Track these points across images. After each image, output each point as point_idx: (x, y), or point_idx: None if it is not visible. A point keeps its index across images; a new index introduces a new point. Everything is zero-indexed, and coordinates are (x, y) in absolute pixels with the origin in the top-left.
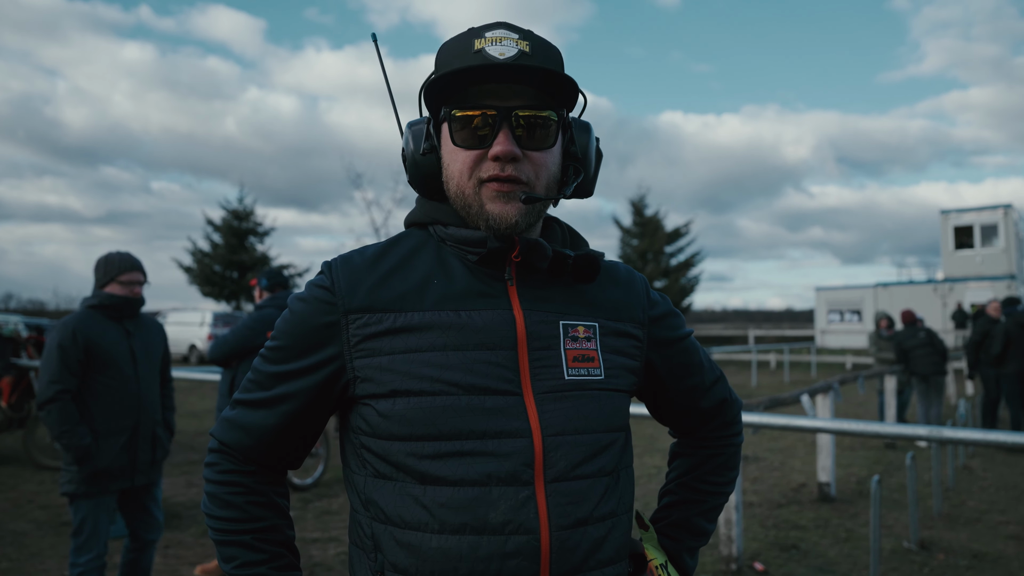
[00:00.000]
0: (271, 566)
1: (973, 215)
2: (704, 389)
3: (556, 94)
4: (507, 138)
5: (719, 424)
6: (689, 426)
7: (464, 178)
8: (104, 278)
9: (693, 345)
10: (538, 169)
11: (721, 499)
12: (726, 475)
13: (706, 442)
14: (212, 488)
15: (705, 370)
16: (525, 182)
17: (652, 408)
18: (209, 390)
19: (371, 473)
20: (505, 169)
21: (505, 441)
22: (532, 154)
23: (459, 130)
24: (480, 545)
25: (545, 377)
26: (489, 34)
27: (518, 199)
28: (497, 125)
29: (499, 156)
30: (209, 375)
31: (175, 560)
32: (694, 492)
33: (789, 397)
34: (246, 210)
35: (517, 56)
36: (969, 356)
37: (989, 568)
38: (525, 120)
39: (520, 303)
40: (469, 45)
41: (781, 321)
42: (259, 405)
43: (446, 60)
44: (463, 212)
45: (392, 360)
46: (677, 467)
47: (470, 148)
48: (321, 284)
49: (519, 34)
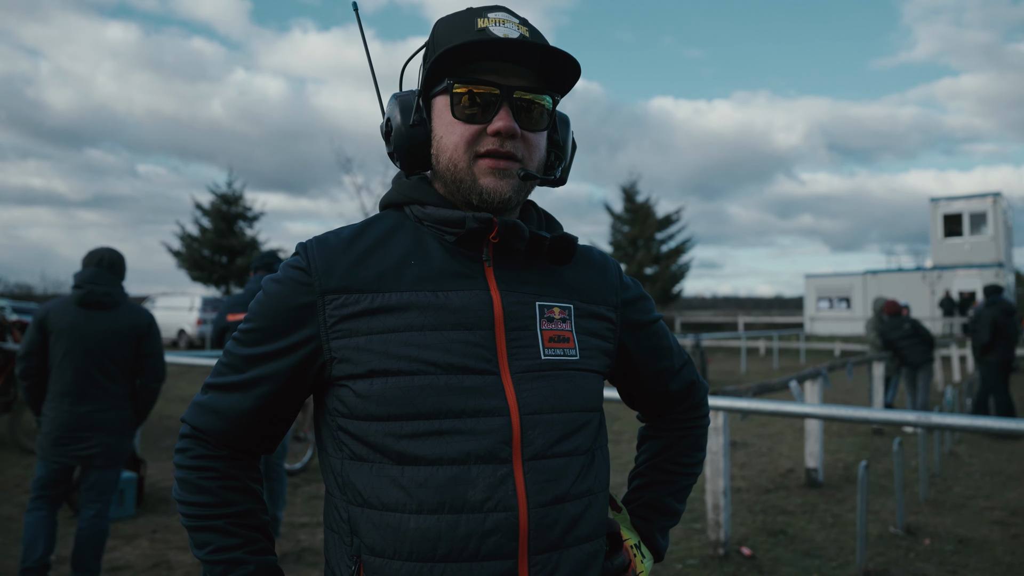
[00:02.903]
0: (246, 550)
1: (962, 203)
2: (673, 372)
3: (552, 80)
4: (508, 115)
5: (688, 407)
6: (659, 409)
7: (459, 151)
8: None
9: (663, 329)
10: (531, 150)
11: (690, 479)
12: (694, 456)
13: (675, 424)
14: (184, 474)
15: (674, 353)
16: (520, 159)
17: (623, 391)
18: (198, 375)
19: (347, 456)
20: (504, 145)
21: (483, 420)
22: (527, 134)
23: (460, 103)
24: (459, 524)
25: (522, 357)
26: (491, 15)
27: (513, 175)
28: (499, 102)
29: (500, 131)
30: (197, 359)
31: (162, 544)
32: (664, 473)
33: (778, 383)
34: (235, 194)
35: (520, 39)
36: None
37: (974, 553)
38: (524, 102)
39: (497, 284)
40: (471, 23)
41: (770, 308)
42: (233, 388)
43: (446, 35)
44: (452, 186)
45: (370, 340)
46: (646, 450)
47: (470, 122)
48: (297, 265)
49: (518, 19)
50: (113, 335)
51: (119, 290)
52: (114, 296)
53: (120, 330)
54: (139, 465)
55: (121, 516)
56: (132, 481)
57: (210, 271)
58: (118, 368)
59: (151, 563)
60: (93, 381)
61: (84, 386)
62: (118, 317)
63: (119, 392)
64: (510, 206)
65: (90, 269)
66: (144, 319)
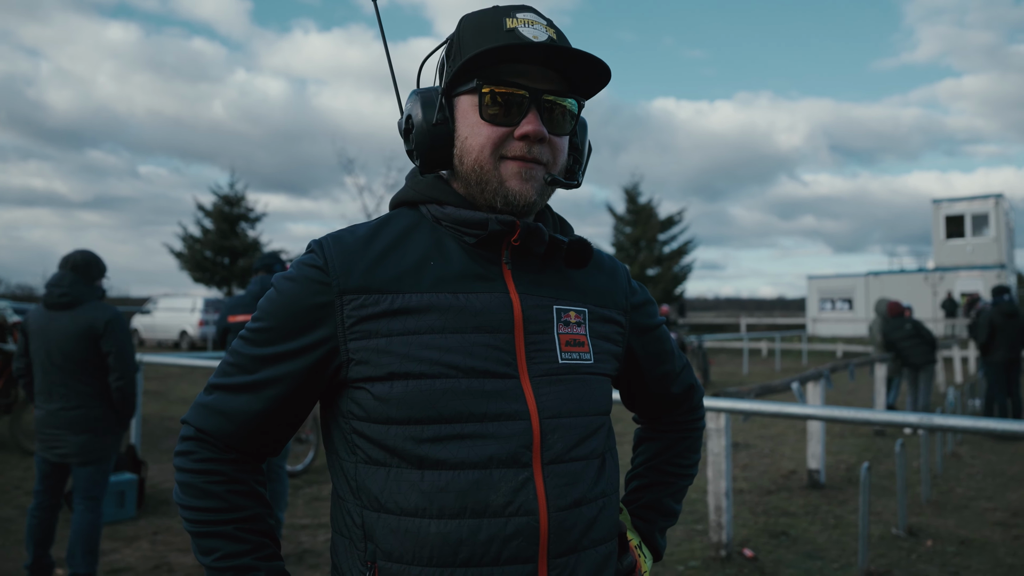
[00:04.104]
0: (255, 556)
1: (964, 204)
2: (675, 375)
3: (577, 84)
4: (537, 119)
5: (686, 409)
6: (658, 411)
7: (485, 153)
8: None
9: (665, 333)
10: (556, 153)
11: (687, 480)
12: (691, 457)
13: (673, 427)
14: (187, 477)
15: (675, 357)
16: (545, 164)
17: (625, 394)
18: (200, 376)
19: (362, 459)
20: (532, 150)
21: (505, 424)
22: (553, 138)
23: (487, 105)
24: (481, 528)
25: (540, 361)
26: (519, 15)
27: (539, 179)
28: (527, 105)
29: (529, 135)
30: (199, 361)
31: (163, 547)
32: (663, 475)
33: (780, 385)
34: (237, 195)
35: (548, 42)
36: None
37: (976, 554)
38: (551, 105)
39: (516, 287)
40: (500, 23)
41: (773, 309)
42: (242, 390)
43: (473, 34)
44: (476, 187)
45: (390, 342)
46: (644, 451)
47: (497, 124)
48: (312, 263)
49: (545, 20)
50: (71, 335)
51: (81, 290)
52: (73, 296)
53: (77, 330)
54: (140, 467)
55: (122, 518)
56: (133, 483)
57: (212, 272)
58: (80, 367)
59: (152, 565)
60: (58, 380)
61: (51, 385)
62: (76, 317)
63: (86, 391)
64: (534, 209)
65: (58, 272)
66: (101, 317)
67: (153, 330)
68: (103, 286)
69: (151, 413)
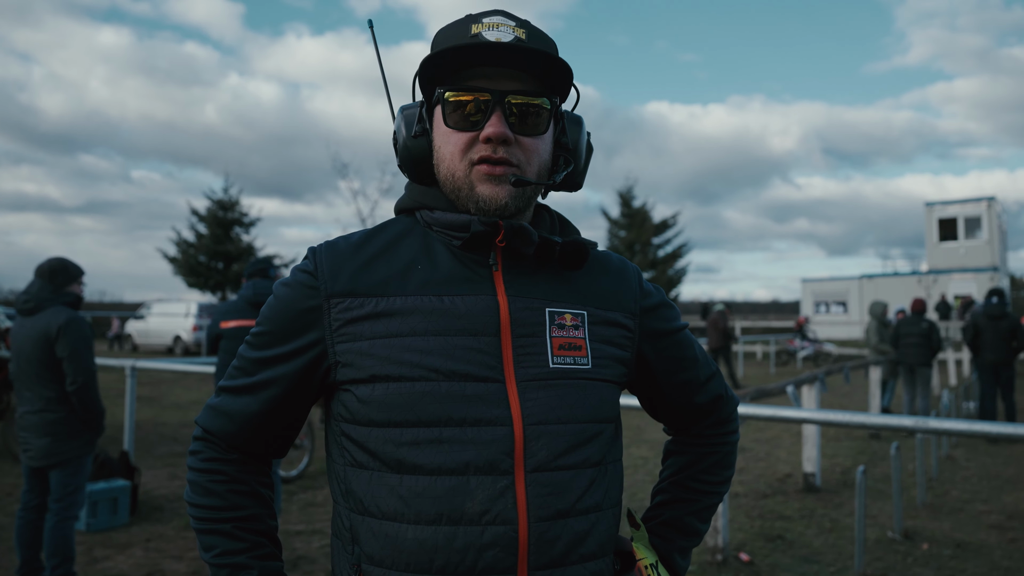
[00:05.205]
0: (251, 555)
1: (957, 207)
2: (698, 384)
3: (550, 81)
4: (499, 120)
5: (714, 421)
6: (683, 423)
7: (456, 160)
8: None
9: (687, 339)
10: (529, 155)
11: (715, 499)
12: (720, 474)
13: (700, 440)
14: (194, 476)
15: (700, 365)
16: (516, 165)
17: (645, 403)
18: (194, 381)
19: (349, 461)
20: (497, 151)
21: (484, 429)
22: (523, 139)
23: (452, 112)
24: (456, 536)
25: (529, 364)
26: (487, 20)
27: (508, 181)
28: (490, 108)
29: (491, 137)
30: (193, 366)
31: (156, 553)
32: (687, 491)
33: (775, 388)
34: (231, 200)
35: (513, 42)
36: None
37: (972, 557)
38: (518, 106)
39: (505, 289)
40: (466, 30)
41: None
42: (243, 391)
43: (441, 44)
44: (453, 195)
45: (372, 345)
46: (671, 465)
47: (463, 130)
48: (305, 269)
49: (516, 22)
50: (30, 340)
51: (45, 296)
52: (36, 302)
53: (35, 335)
54: (133, 473)
55: (115, 525)
56: (126, 489)
57: (206, 277)
58: (40, 371)
59: (144, 572)
60: (25, 385)
61: (20, 389)
62: (36, 322)
63: (49, 395)
64: (507, 212)
65: (32, 280)
66: (55, 322)
67: (147, 335)
68: (77, 292)
69: (144, 419)
